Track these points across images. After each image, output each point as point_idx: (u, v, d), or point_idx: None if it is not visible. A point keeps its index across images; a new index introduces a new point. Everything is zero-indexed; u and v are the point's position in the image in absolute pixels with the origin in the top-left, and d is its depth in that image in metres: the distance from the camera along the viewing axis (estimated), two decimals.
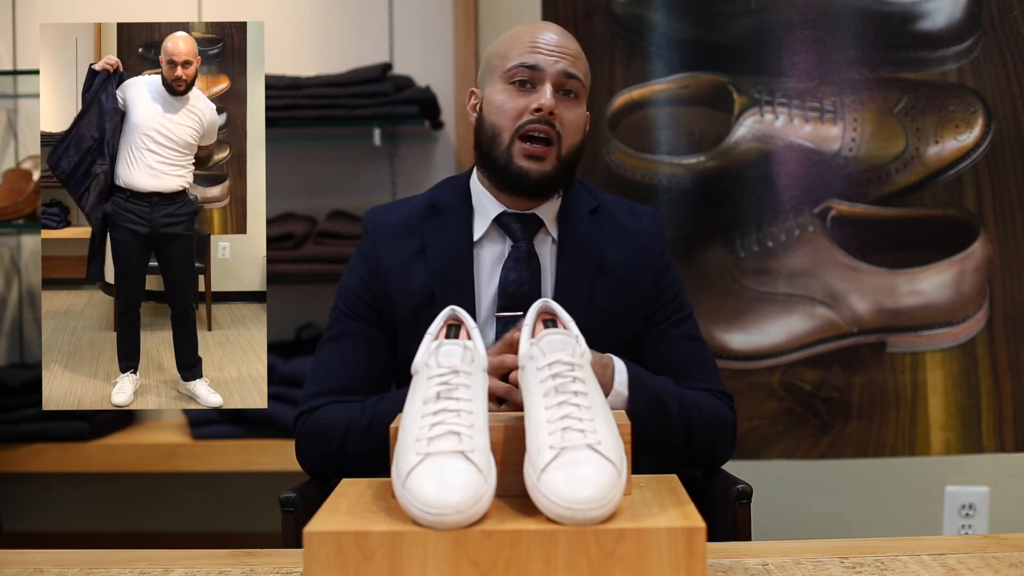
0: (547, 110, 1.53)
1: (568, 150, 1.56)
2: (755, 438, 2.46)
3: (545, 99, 1.53)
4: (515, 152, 1.55)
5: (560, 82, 1.55)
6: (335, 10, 3.01)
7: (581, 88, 1.58)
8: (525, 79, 1.55)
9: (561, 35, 1.59)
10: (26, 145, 3.05)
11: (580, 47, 1.62)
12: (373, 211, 1.69)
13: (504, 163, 1.56)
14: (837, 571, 1.17)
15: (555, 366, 1.13)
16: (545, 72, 1.55)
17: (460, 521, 1.01)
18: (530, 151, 1.54)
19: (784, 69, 2.45)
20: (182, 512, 3.07)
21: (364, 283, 1.62)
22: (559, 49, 1.56)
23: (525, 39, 1.58)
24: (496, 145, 1.56)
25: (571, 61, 1.56)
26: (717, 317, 2.46)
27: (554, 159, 1.55)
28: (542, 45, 1.56)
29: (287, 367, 2.75)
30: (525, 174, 1.54)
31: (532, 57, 1.55)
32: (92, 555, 1.28)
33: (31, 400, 2.76)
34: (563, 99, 1.56)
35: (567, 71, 1.55)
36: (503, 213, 1.60)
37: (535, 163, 1.54)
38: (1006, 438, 2.43)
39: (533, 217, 1.60)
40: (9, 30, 3.04)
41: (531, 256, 1.59)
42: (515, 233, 1.59)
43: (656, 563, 1.00)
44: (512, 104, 1.55)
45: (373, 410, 1.53)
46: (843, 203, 2.44)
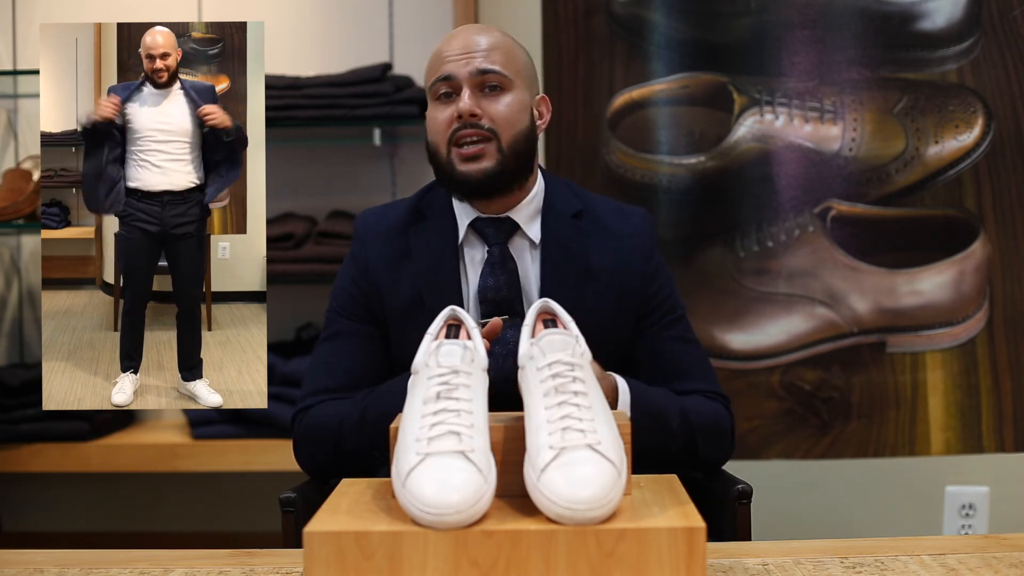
0: (466, 113, 1.53)
1: (509, 142, 1.55)
2: (755, 438, 2.46)
3: (462, 104, 1.54)
4: (454, 160, 1.55)
5: (477, 81, 1.55)
6: (335, 10, 3.01)
7: (503, 79, 1.56)
8: (447, 91, 1.56)
9: (473, 34, 1.59)
10: (26, 145, 3.05)
11: (501, 36, 1.60)
12: (364, 214, 1.71)
13: (449, 174, 1.57)
14: (837, 571, 1.17)
15: (555, 366, 1.13)
16: (459, 77, 1.55)
17: (460, 521, 1.01)
18: (463, 154, 1.55)
19: (784, 69, 2.45)
20: (182, 512, 3.07)
21: (355, 283, 1.63)
22: (468, 51, 1.56)
23: (439, 53, 1.59)
24: (439, 161, 1.58)
25: (483, 58, 1.55)
26: (717, 317, 2.46)
27: (495, 153, 1.54)
28: (452, 52, 1.56)
29: (287, 367, 2.75)
30: (468, 177, 1.55)
31: (445, 68, 1.56)
32: (92, 555, 1.28)
33: (31, 400, 2.75)
34: (487, 95, 1.55)
35: (480, 68, 1.55)
36: (476, 218, 1.60)
37: (474, 164, 1.54)
38: (1006, 438, 2.43)
39: (507, 220, 1.60)
40: (9, 30, 3.04)
41: (506, 259, 1.58)
42: (488, 237, 1.59)
43: (656, 563, 1.00)
44: (440, 118, 1.56)
45: (363, 404, 1.53)
46: (843, 203, 2.44)
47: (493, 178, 1.55)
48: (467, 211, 1.61)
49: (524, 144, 1.58)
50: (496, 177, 1.55)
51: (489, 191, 1.57)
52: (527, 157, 1.59)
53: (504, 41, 1.60)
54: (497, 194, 1.58)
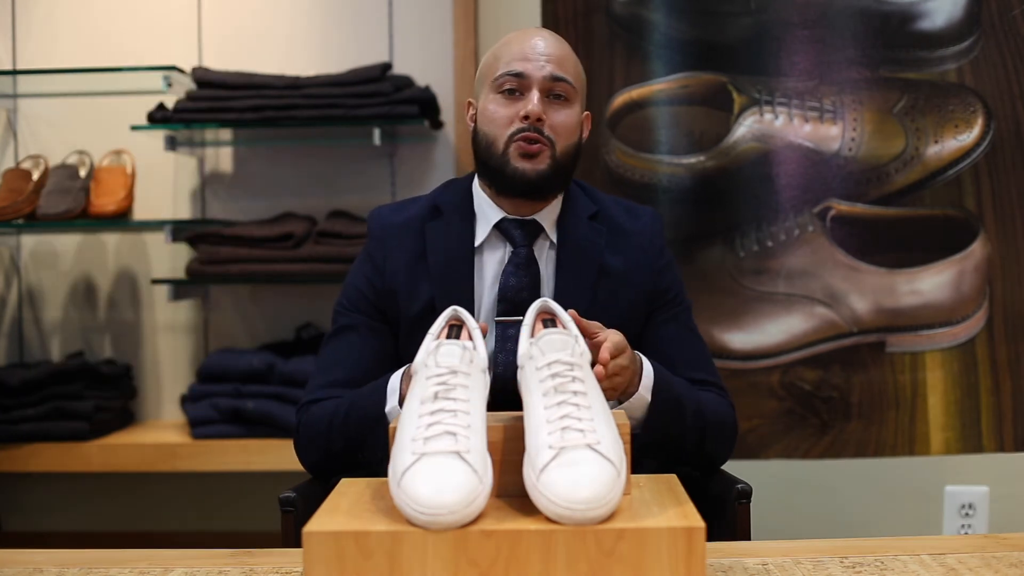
0: (534, 117, 1.54)
1: (562, 152, 1.57)
2: (755, 438, 2.46)
3: (532, 106, 1.54)
4: (511, 154, 1.56)
5: (547, 87, 1.56)
6: (335, 10, 3.01)
7: (571, 90, 1.58)
8: (513, 87, 1.57)
9: (548, 39, 1.60)
10: (26, 145, 3.05)
11: (570, 49, 1.62)
12: (379, 211, 1.69)
13: (500, 166, 1.57)
14: (837, 571, 1.17)
15: (554, 366, 1.13)
16: (531, 78, 1.56)
17: (454, 522, 1.01)
18: (525, 149, 1.55)
19: (784, 69, 2.45)
20: (182, 512, 3.07)
21: (369, 282, 1.63)
22: (545, 54, 1.57)
23: (511, 47, 1.59)
24: (492, 153, 1.58)
25: (557, 65, 1.57)
26: (717, 317, 2.46)
27: (548, 158, 1.56)
28: (527, 52, 1.57)
29: (287, 367, 2.75)
30: (522, 174, 1.55)
31: (518, 65, 1.56)
32: (92, 555, 1.28)
33: (31, 400, 2.76)
34: (552, 103, 1.57)
35: (553, 75, 1.56)
36: (504, 219, 1.61)
37: (531, 161, 1.55)
38: (1006, 438, 2.43)
39: (533, 222, 1.61)
40: (9, 30, 3.04)
41: (531, 262, 1.59)
42: (515, 239, 1.60)
43: (656, 563, 1.00)
44: (502, 113, 1.57)
45: (349, 402, 1.53)
46: (843, 203, 2.44)
47: (544, 180, 1.57)
48: (494, 210, 1.61)
49: (573, 157, 1.61)
50: (547, 180, 1.57)
51: (535, 192, 1.58)
52: (572, 170, 1.62)
53: (572, 54, 1.62)
54: (539, 197, 1.59)
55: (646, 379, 1.49)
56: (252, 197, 3.03)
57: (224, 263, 2.78)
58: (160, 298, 3.02)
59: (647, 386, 1.49)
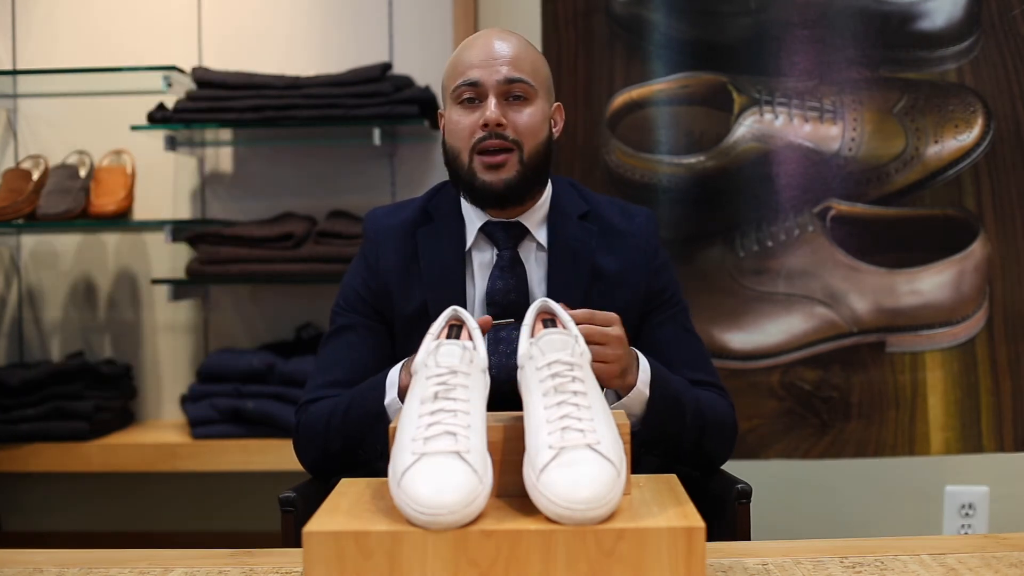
0: (493, 123, 1.53)
1: (531, 153, 1.56)
2: (755, 438, 2.46)
3: (489, 112, 1.53)
4: (476, 168, 1.56)
5: (504, 90, 1.55)
6: (335, 10, 3.01)
7: (529, 89, 1.56)
8: (471, 96, 1.56)
9: (501, 41, 1.58)
10: (26, 145, 3.05)
11: (526, 44, 1.60)
12: (374, 213, 1.70)
13: (469, 180, 1.57)
14: (837, 571, 1.17)
15: (554, 366, 1.13)
16: (486, 85, 1.55)
17: (454, 522, 1.01)
18: (488, 161, 1.55)
19: (784, 69, 2.45)
20: (182, 512, 3.07)
21: (365, 283, 1.64)
22: (498, 57, 1.56)
23: (465, 56, 1.58)
24: (459, 167, 1.58)
25: (512, 66, 1.56)
26: (717, 317, 2.46)
27: (517, 164, 1.55)
28: (481, 58, 1.56)
29: (287, 367, 2.75)
30: (489, 187, 1.55)
31: (472, 73, 1.55)
32: (92, 555, 1.28)
33: (31, 400, 2.76)
34: (512, 104, 1.56)
35: (508, 77, 1.55)
36: (487, 222, 1.61)
37: (496, 172, 1.55)
38: (1006, 438, 2.43)
39: (517, 224, 1.61)
40: (9, 30, 3.04)
41: (515, 263, 1.59)
42: (499, 242, 1.60)
43: (655, 563, 1.00)
44: (464, 123, 1.56)
45: (348, 398, 1.53)
46: (843, 203, 2.44)
47: (513, 189, 1.56)
48: (478, 214, 1.61)
49: (543, 155, 1.59)
50: (515, 188, 1.56)
51: (507, 201, 1.58)
52: (545, 167, 1.61)
53: (529, 50, 1.60)
54: (514, 204, 1.59)
55: (643, 374, 1.49)
56: (252, 197, 3.03)
57: (224, 263, 2.78)
58: (160, 298, 3.02)
59: (645, 381, 1.48)
